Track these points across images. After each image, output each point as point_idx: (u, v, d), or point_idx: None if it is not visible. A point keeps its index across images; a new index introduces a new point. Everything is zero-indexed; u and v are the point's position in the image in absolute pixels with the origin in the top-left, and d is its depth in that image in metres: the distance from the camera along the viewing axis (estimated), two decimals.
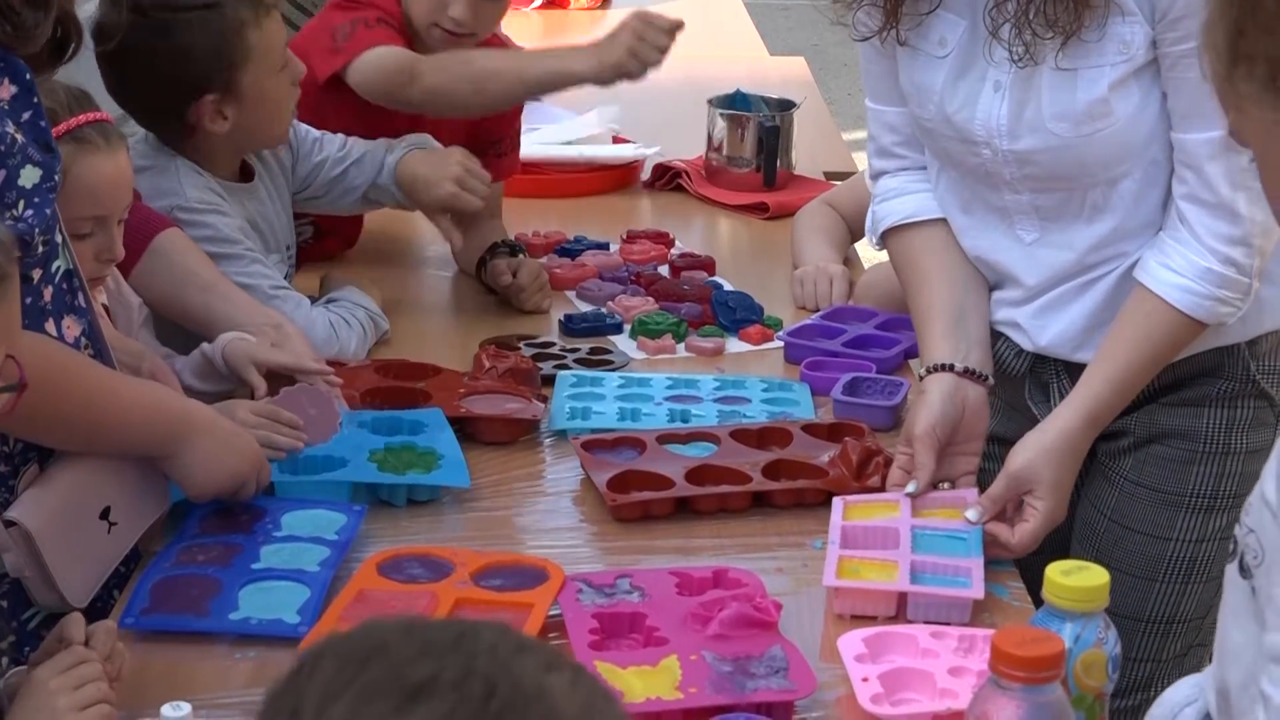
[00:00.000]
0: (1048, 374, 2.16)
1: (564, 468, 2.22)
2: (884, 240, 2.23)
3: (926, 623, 1.83)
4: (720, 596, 1.82)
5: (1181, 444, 2.12)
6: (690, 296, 2.76)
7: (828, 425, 2.28)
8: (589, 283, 2.85)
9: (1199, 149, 1.95)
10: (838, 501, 2.04)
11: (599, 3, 5.17)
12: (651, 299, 2.77)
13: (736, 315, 2.69)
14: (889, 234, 2.21)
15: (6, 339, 1.58)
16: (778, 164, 3.34)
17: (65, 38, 1.84)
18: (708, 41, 4.82)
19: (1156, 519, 2.13)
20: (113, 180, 2.10)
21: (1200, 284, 1.96)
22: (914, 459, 2.04)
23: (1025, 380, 2.18)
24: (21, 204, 1.75)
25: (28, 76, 1.79)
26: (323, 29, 2.82)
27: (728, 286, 2.83)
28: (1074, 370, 2.10)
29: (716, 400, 2.40)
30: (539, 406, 2.32)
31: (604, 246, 3.04)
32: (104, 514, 1.87)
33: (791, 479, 2.14)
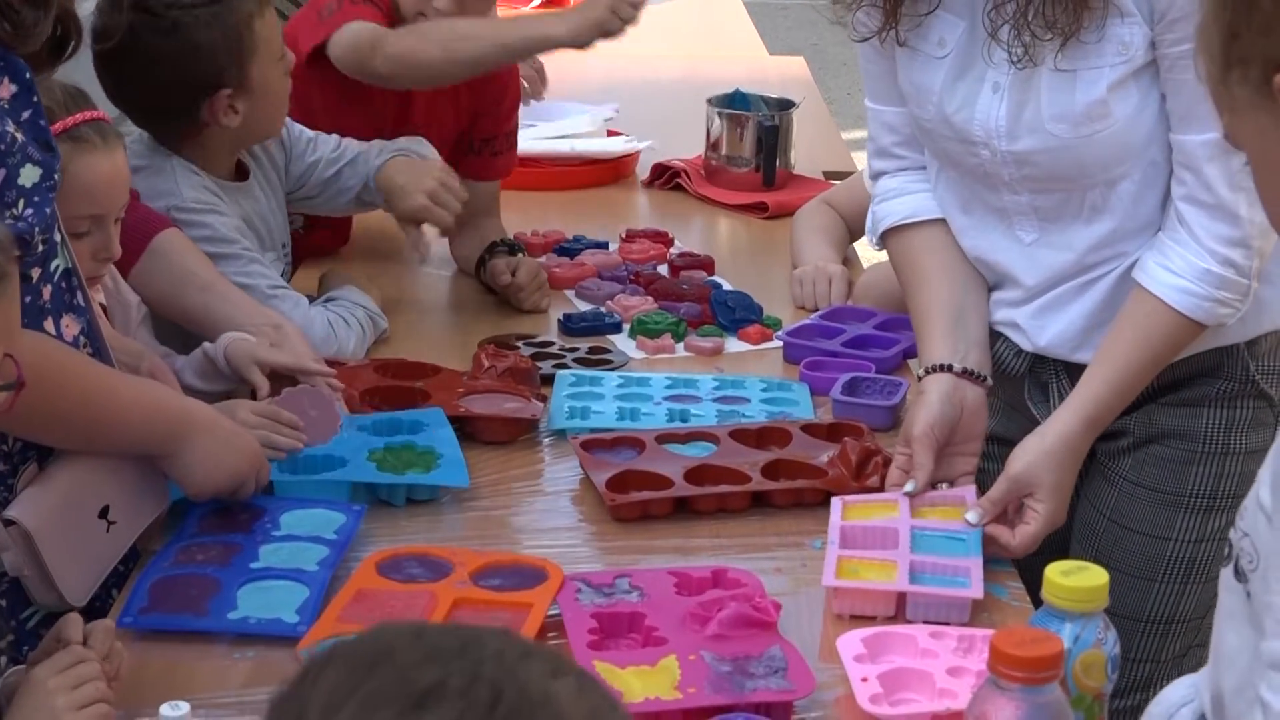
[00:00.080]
0: (1047, 374, 2.16)
1: (563, 467, 2.22)
2: (883, 240, 2.23)
3: (925, 623, 1.83)
4: (719, 596, 1.81)
5: (1181, 444, 2.12)
6: (689, 296, 2.76)
7: (827, 425, 2.28)
8: (588, 282, 2.85)
9: (1198, 150, 1.95)
10: (837, 501, 2.04)
11: None
12: (650, 298, 2.76)
13: (736, 315, 2.69)
14: (888, 234, 2.21)
15: (5, 338, 1.57)
16: (777, 163, 3.34)
17: (65, 36, 1.84)
18: (707, 41, 4.84)
19: (1156, 519, 2.13)
20: (110, 179, 2.09)
21: (1199, 285, 1.96)
22: (912, 459, 2.04)
23: (1025, 380, 2.18)
24: (21, 203, 1.75)
25: (27, 75, 1.79)
26: (311, 9, 2.82)
27: (727, 286, 2.83)
28: (1073, 370, 2.10)
29: (715, 400, 2.40)
30: (538, 406, 2.32)
31: (603, 246, 3.04)
32: (103, 513, 1.87)
33: (790, 479, 2.14)
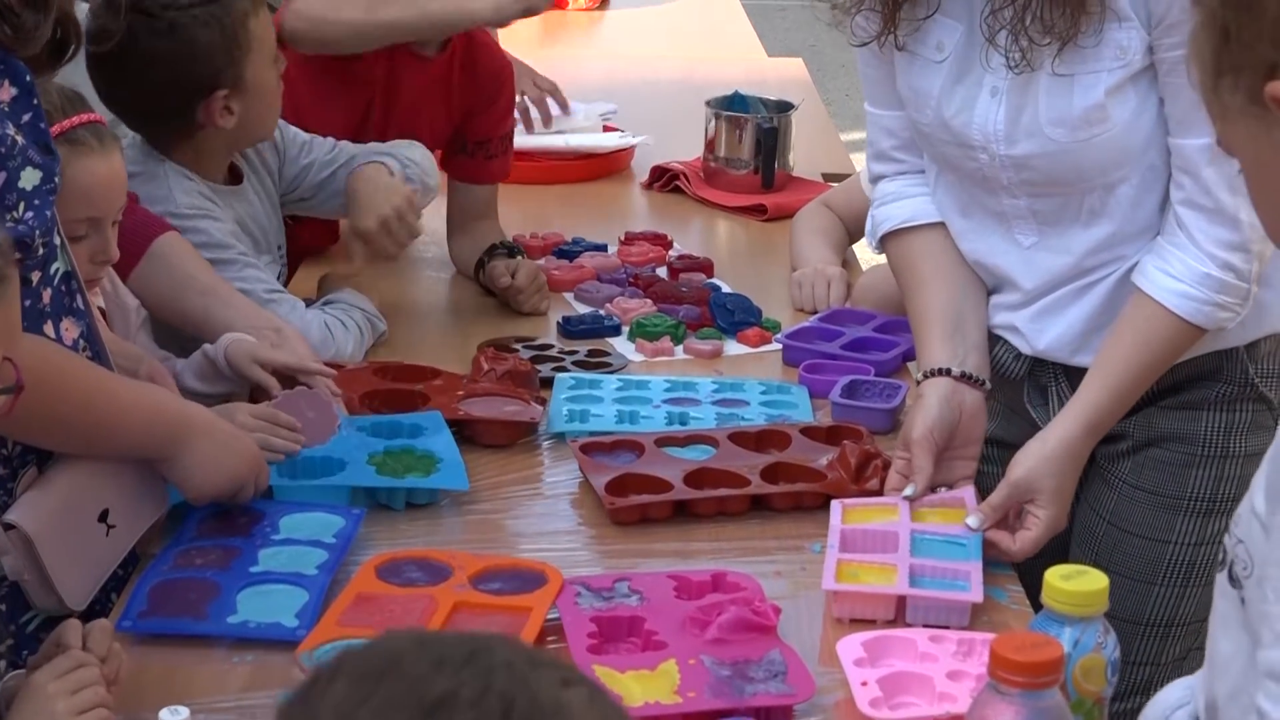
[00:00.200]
0: (1046, 377, 2.16)
1: (562, 470, 2.22)
2: (883, 244, 2.23)
3: (925, 626, 1.83)
4: (719, 600, 1.81)
5: (1180, 447, 2.12)
6: (688, 299, 2.76)
7: (826, 428, 2.27)
8: (587, 284, 2.84)
9: (1196, 154, 1.94)
10: (836, 505, 2.04)
11: (597, 3, 5.18)
12: (650, 301, 2.76)
13: (735, 317, 2.69)
14: (887, 238, 2.21)
15: (5, 341, 1.57)
16: (775, 165, 3.34)
17: (64, 39, 1.84)
18: (706, 43, 4.84)
19: (1155, 522, 2.13)
20: (107, 182, 2.08)
21: (1199, 289, 1.96)
22: (911, 463, 2.04)
23: (1024, 384, 2.18)
24: (21, 206, 1.75)
25: (27, 78, 1.79)
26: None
27: (726, 289, 2.83)
28: (1072, 374, 2.10)
29: (715, 403, 2.40)
30: (537, 409, 2.32)
31: (602, 248, 3.04)
32: (102, 517, 1.87)
33: (790, 482, 2.13)
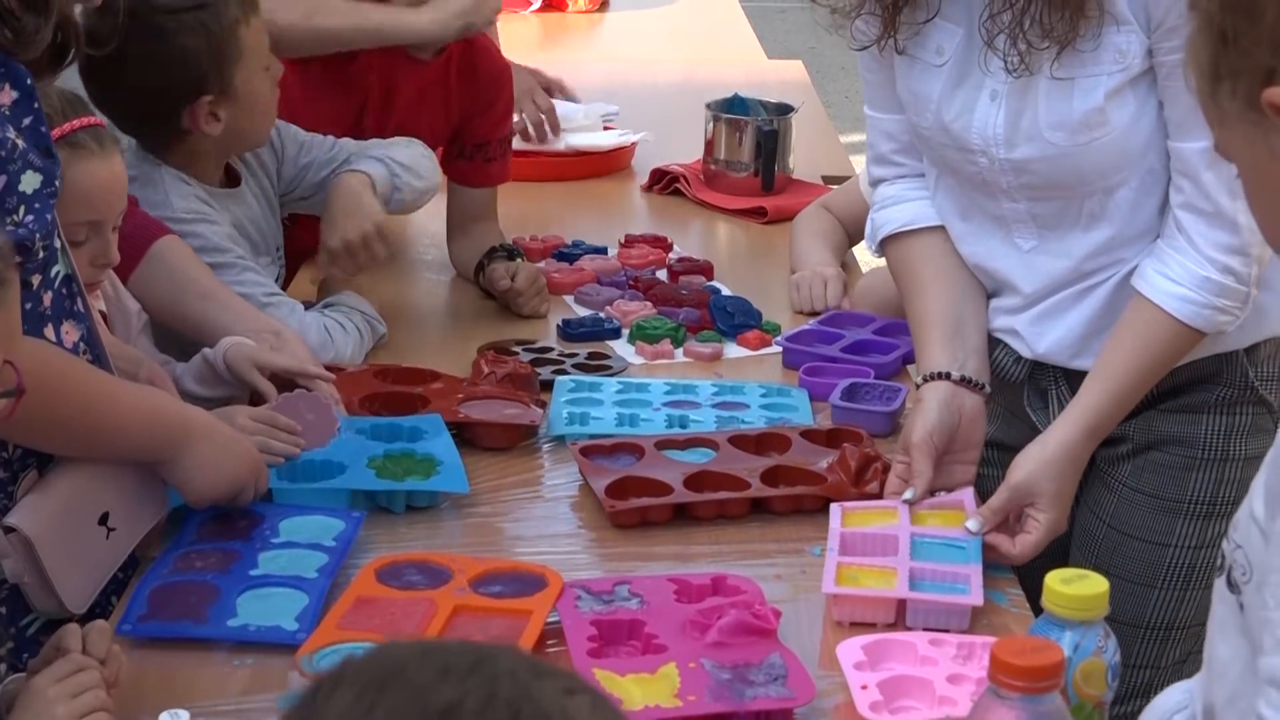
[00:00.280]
0: (1046, 380, 2.16)
1: (562, 473, 2.22)
2: (882, 248, 2.23)
3: (925, 629, 1.83)
4: (719, 603, 1.81)
5: (1180, 450, 2.12)
6: (688, 301, 2.76)
7: (826, 431, 2.27)
8: (587, 287, 2.84)
9: (1196, 158, 1.95)
10: (836, 508, 2.04)
11: (597, 5, 5.18)
12: (650, 304, 2.76)
13: (735, 320, 2.69)
14: (887, 242, 2.21)
15: (5, 344, 1.57)
16: (775, 168, 3.34)
17: (65, 43, 1.84)
18: (705, 45, 4.84)
19: (1155, 525, 2.14)
20: (107, 185, 2.08)
21: (1199, 293, 1.96)
22: (911, 467, 2.04)
23: (1024, 387, 2.18)
24: (22, 209, 1.75)
25: (28, 82, 1.79)
26: None
27: (726, 291, 2.83)
28: (1072, 377, 2.10)
29: (715, 406, 2.39)
30: (537, 412, 2.31)
31: (602, 251, 3.04)
32: (102, 520, 1.87)
33: (790, 485, 2.13)
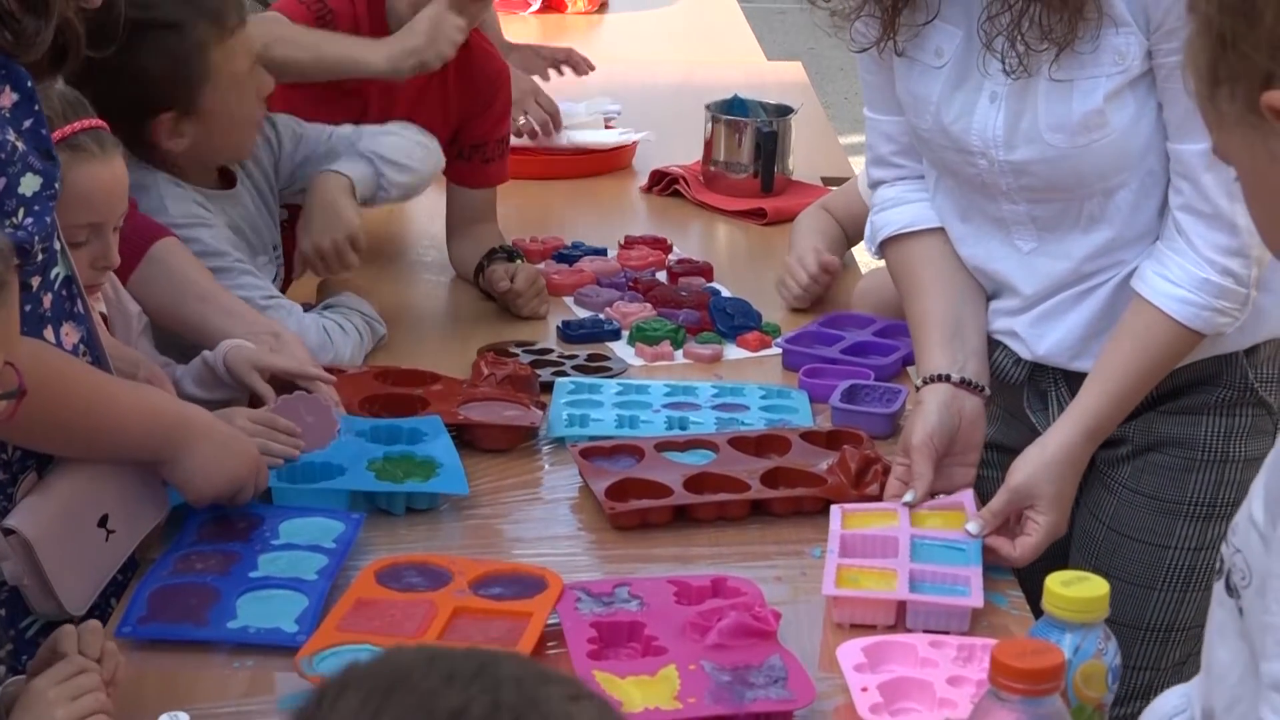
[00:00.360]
0: (1046, 382, 2.16)
1: (562, 475, 2.22)
2: (882, 250, 2.23)
3: (925, 631, 1.83)
4: (719, 605, 1.81)
5: (1180, 452, 2.12)
6: (688, 303, 2.76)
7: (826, 433, 2.27)
8: (587, 289, 2.84)
9: (1195, 160, 1.95)
10: (836, 510, 2.04)
11: (596, 6, 5.18)
12: (649, 305, 2.76)
13: (734, 322, 2.69)
14: (887, 244, 2.21)
15: (6, 346, 1.57)
16: (775, 169, 3.34)
17: (65, 45, 1.84)
18: (705, 46, 4.84)
19: (1155, 527, 2.14)
20: (108, 187, 2.08)
21: (1198, 295, 1.96)
22: (911, 469, 2.04)
23: (1024, 389, 2.18)
24: (21, 211, 1.75)
25: (29, 84, 1.79)
26: None
27: (726, 293, 2.83)
28: (1072, 379, 2.10)
29: (715, 407, 2.39)
30: (537, 414, 2.31)
31: (602, 252, 3.04)
32: (102, 521, 1.87)
33: (790, 487, 2.13)
